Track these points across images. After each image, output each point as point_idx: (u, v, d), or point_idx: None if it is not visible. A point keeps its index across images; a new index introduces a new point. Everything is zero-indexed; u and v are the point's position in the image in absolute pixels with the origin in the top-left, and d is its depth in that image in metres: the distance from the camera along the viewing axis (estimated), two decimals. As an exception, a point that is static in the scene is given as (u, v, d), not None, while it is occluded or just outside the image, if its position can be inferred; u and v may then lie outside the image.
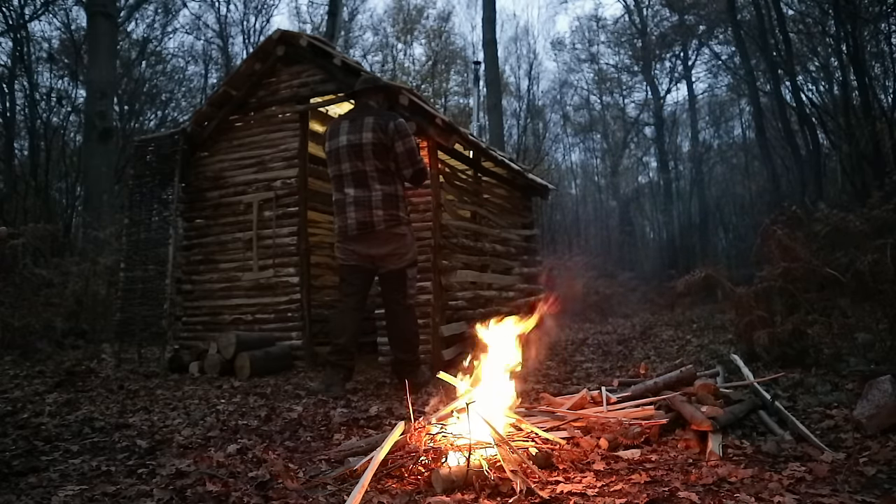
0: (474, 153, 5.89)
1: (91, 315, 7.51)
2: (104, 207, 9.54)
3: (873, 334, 3.76)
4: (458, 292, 5.19)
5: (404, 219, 3.84)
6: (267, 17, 19.39)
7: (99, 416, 3.13)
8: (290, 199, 5.24)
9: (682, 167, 22.59)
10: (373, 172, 3.72)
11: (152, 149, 5.67)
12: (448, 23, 22.89)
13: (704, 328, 7.12)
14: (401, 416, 2.85)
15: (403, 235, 3.81)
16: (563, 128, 24.90)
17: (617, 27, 22.73)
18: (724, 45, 19.01)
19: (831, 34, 12.31)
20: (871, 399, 2.29)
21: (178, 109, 17.17)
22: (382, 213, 3.72)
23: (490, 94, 15.53)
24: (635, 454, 2.11)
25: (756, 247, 4.47)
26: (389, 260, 3.79)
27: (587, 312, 11.07)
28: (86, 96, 11.15)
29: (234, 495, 1.77)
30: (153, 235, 5.45)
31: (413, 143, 3.76)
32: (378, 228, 3.73)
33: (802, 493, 1.68)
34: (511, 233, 6.75)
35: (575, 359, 5.19)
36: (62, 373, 4.71)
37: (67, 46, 14.58)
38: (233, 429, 2.79)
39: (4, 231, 3.52)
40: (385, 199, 3.73)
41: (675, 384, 2.79)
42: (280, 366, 4.84)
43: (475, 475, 1.81)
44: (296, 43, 5.20)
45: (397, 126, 3.71)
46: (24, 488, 1.96)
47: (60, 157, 13.99)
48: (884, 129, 10.75)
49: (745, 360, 3.47)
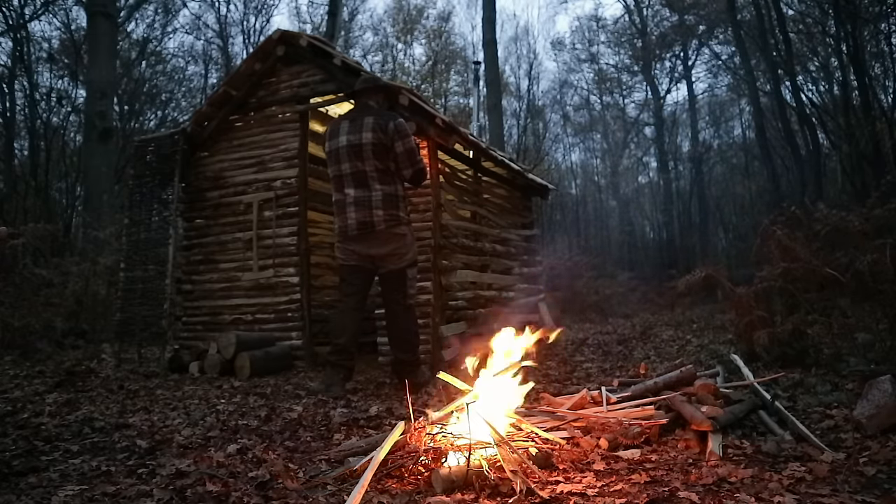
0: (474, 153, 5.89)
1: (91, 315, 7.51)
2: (104, 207, 9.54)
3: (873, 334, 3.76)
4: (458, 292, 5.19)
5: (404, 219, 3.84)
6: (267, 17, 19.42)
7: (99, 416, 3.13)
8: (290, 199, 5.24)
9: (682, 167, 22.59)
10: (373, 172, 3.72)
11: (152, 149, 5.67)
12: (448, 23, 22.93)
13: (704, 328, 7.12)
14: (401, 416, 2.85)
15: (403, 235, 3.81)
16: (563, 128, 24.92)
17: (617, 27, 22.75)
18: (724, 45, 19.05)
19: (831, 34, 12.32)
20: (871, 399, 2.29)
21: (178, 109, 17.19)
22: (383, 213, 3.72)
23: (490, 94, 15.53)
24: (635, 454, 2.11)
25: (756, 247, 4.46)
26: (389, 260, 3.79)
27: (587, 312, 11.07)
28: (86, 96, 11.16)
29: (234, 495, 1.77)
30: (153, 235, 5.45)
31: (413, 144, 3.76)
32: (378, 228, 3.72)
33: (802, 493, 1.68)
34: (511, 233, 6.74)
35: (575, 359, 5.18)
36: (62, 373, 4.71)
37: (67, 46, 14.59)
38: (233, 429, 2.79)
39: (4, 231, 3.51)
40: (385, 199, 3.73)
41: (675, 384, 2.79)
42: (280, 366, 4.84)
43: (475, 475, 1.81)
44: (296, 43, 5.20)
45: (397, 126, 3.70)
46: (24, 488, 1.96)
47: (60, 157, 13.99)
48: (884, 129, 10.76)
49: (745, 360, 3.47)
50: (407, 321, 3.84)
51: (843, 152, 11.75)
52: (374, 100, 3.94)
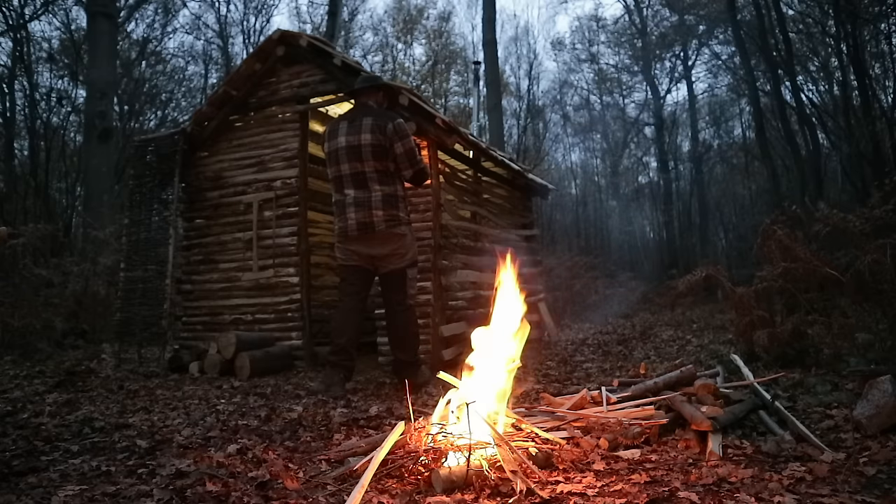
0: (474, 153, 5.88)
1: (91, 315, 7.51)
2: (104, 207, 9.54)
3: (873, 334, 3.76)
4: (458, 292, 5.19)
5: (404, 219, 3.83)
6: (267, 17, 19.42)
7: (99, 416, 3.13)
8: (290, 199, 5.24)
9: (682, 167, 22.59)
10: (372, 173, 3.71)
11: (152, 149, 5.66)
12: (448, 23, 22.95)
13: (704, 328, 7.12)
14: (401, 416, 2.85)
15: (403, 235, 3.80)
16: (563, 128, 24.93)
17: (617, 27, 22.73)
18: (724, 45, 19.02)
19: (831, 34, 12.33)
20: (871, 399, 2.29)
21: (178, 109, 17.19)
22: (382, 213, 3.72)
23: (490, 94, 15.52)
24: (635, 454, 2.11)
25: (756, 247, 4.46)
26: (389, 260, 3.79)
27: (587, 312, 11.07)
28: (86, 96, 11.17)
29: (234, 495, 1.77)
30: (153, 235, 5.45)
31: (412, 144, 3.76)
32: (378, 229, 3.72)
33: (802, 493, 1.68)
34: (511, 233, 6.75)
35: (575, 359, 5.19)
36: (62, 373, 4.71)
37: (67, 46, 14.59)
38: (233, 429, 2.79)
39: (4, 231, 3.51)
40: (385, 199, 3.72)
41: (675, 384, 2.79)
42: (280, 366, 4.84)
43: (475, 475, 1.81)
44: (296, 43, 5.20)
45: (396, 127, 3.70)
46: (24, 488, 1.95)
47: (60, 157, 14.00)
48: (884, 129, 10.77)
49: (745, 360, 3.47)
50: (406, 322, 3.83)
51: (843, 152, 11.76)
52: (374, 99, 3.93)
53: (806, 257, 3.95)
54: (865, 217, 4.06)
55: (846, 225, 4.04)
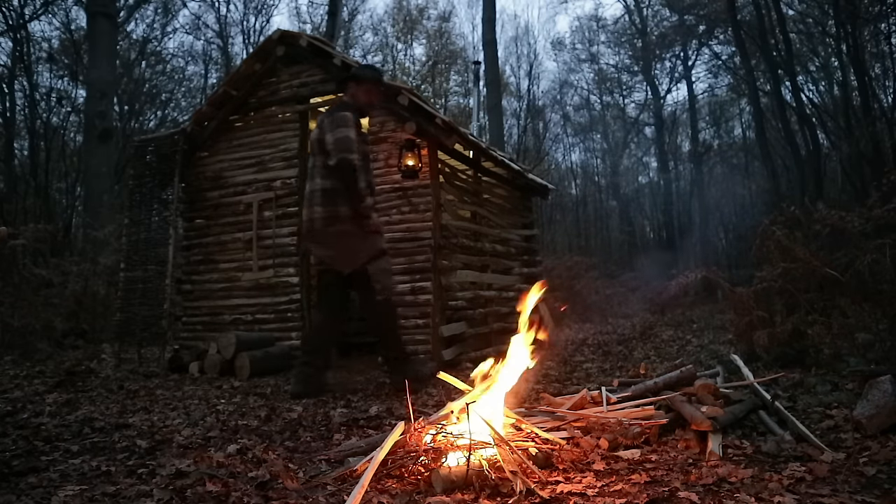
0: (474, 153, 5.88)
1: (91, 315, 7.51)
2: (104, 207, 9.54)
3: (873, 334, 3.75)
4: (458, 292, 5.19)
5: (345, 215, 3.48)
6: (267, 17, 19.45)
7: (99, 416, 3.13)
8: (289, 199, 5.24)
9: (682, 167, 22.60)
10: (320, 168, 3.59)
11: (152, 149, 5.67)
12: (448, 23, 22.97)
13: (704, 328, 7.12)
14: (401, 416, 2.84)
15: (346, 234, 3.48)
16: (563, 128, 24.92)
17: (617, 27, 22.75)
18: (724, 45, 19.03)
19: (831, 34, 12.34)
20: (871, 399, 2.29)
21: (178, 109, 17.21)
22: (321, 209, 3.50)
23: (490, 94, 15.52)
24: (635, 454, 2.11)
25: (756, 247, 4.46)
26: (340, 263, 3.56)
27: (587, 312, 11.06)
28: (86, 96, 11.17)
29: (234, 495, 1.77)
30: (153, 235, 5.45)
31: (343, 134, 3.44)
32: (316, 227, 3.52)
33: (802, 493, 1.68)
34: (511, 233, 6.74)
35: (575, 359, 5.18)
36: (62, 373, 4.71)
37: (67, 46, 14.59)
38: (233, 429, 2.79)
39: (4, 231, 3.52)
40: (324, 194, 3.49)
41: (675, 384, 2.79)
42: (280, 366, 4.83)
43: (475, 475, 1.81)
44: (296, 43, 5.20)
45: (333, 118, 3.53)
46: (24, 488, 1.95)
47: (60, 157, 14.00)
48: (884, 129, 10.77)
49: (745, 361, 3.46)
50: (383, 317, 3.63)
51: (843, 152, 11.76)
52: (349, 93, 3.79)
53: (805, 257, 3.94)
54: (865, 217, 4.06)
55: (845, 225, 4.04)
